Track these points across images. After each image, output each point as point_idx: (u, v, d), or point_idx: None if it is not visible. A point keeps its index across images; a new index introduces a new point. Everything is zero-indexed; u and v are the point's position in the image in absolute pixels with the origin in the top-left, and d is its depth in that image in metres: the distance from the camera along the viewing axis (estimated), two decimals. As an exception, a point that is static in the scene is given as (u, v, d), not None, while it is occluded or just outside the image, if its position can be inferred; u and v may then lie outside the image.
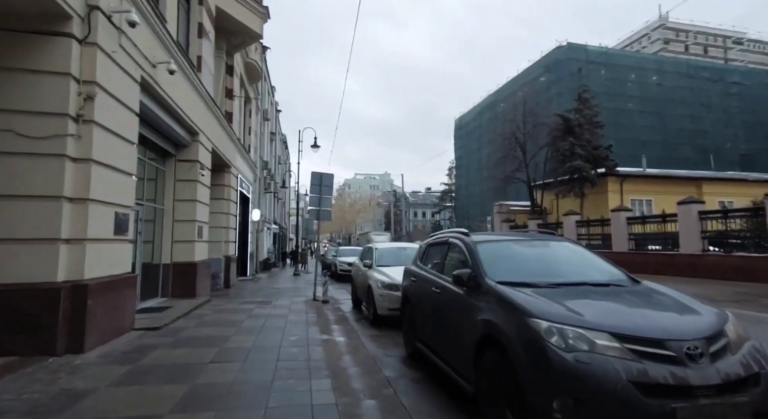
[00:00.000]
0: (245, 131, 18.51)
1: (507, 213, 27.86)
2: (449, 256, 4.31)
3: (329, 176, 11.47)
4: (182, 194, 10.18)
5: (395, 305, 6.95)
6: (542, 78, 40.64)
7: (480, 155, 53.49)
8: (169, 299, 9.65)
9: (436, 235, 5.43)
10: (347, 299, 11.47)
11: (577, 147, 21.61)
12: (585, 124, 22.41)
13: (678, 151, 37.80)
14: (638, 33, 75.61)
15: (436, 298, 4.17)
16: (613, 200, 22.37)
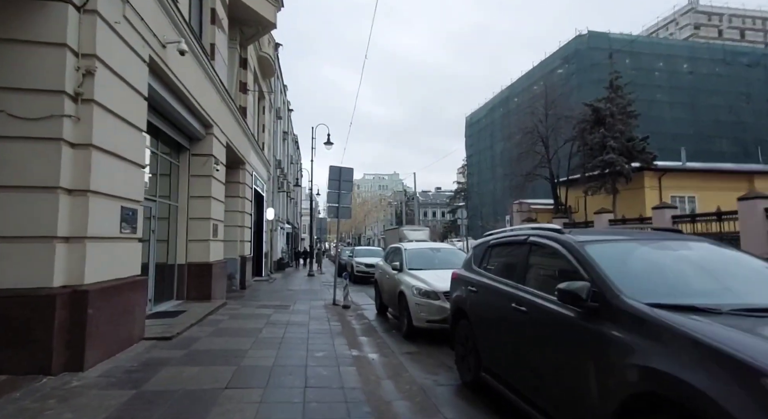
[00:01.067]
0: (259, 128, 17.81)
1: (528, 212, 26.73)
2: (533, 261, 3.29)
3: (349, 171, 10.66)
4: (197, 190, 9.44)
5: (435, 317, 6.09)
6: (560, 70, 39.11)
7: (492, 152, 52.31)
8: (184, 302, 8.92)
9: (500, 233, 4.43)
10: (369, 305, 10.64)
11: (609, 139, 20.29)
12: (617, 113, 21.07)
13: (714, 144, 34.77)
14: (665, 19, 70.30)
15: (518, 318, 3.17)
16: (651, 197, 20.95)
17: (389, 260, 8.94)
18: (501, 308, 3.44)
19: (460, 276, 4.74)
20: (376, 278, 9.36)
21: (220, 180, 10.25)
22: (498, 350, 3.56)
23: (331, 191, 10.47)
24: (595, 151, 21.94)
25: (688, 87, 37.33)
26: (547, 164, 25.01)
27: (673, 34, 67.26)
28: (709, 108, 36.93)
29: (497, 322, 3.56)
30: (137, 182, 5.68)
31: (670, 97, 36.78)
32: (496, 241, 4.29)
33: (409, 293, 6.51)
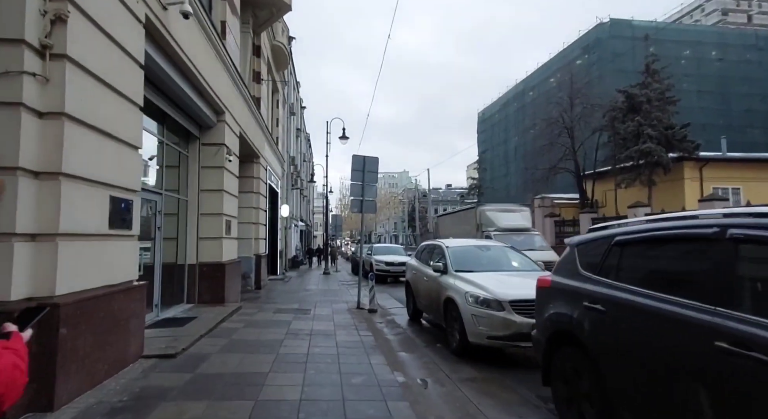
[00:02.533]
0: (273, 122, 16.71)
1: (551, 207, 25.25)
2: (747, 269, 2.01)
3: (373, 160, 9.46)
4: (208, 183, 8.33)
5: (498, 332, 4.86)
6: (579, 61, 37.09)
7: (506, 148, 50.69)
8: (195, 307, 7.82)
9: (635, 223, 2.97)
10: (397, 308, 9.46)
11: (645, 127, 18.69)
12: (654, 100, 19.45)
13: (746, 135, 32.55)
14: (690, 5, 65.71)
15: (730, 367, 1.91)
16: (691, 189, 19.24)
17: (424, 258, 7.73)
18: (678, 346, 2.20)
19: (560, 285, 3.47)
20: (408, 280, 8.15)
21: (234, 173, 9.14)
22: (663, 410, 2.28)
23: (354, 182, 9.29)
24: (628, 141, 20.35)
25: (717, 75, 34.65)
26: (573, 156, 23.48)
27: (698, 21, 63.78)
28: (740, 97, 34.21)
29: (667, 366, 2.27)
30: (132, 168, 4.55)
31: (698, 86, 34.07)
32: (637, 236, 2.83)
33: (462, 302, 5.28)
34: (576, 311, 3.20)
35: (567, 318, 3.25)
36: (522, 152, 46.79)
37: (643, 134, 19.21)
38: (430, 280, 6.65)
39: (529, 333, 4.71)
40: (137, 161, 4.70)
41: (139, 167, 4.72)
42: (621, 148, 20.86)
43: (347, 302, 9.98)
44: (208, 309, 7.50)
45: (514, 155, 49.23)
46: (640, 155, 19.03)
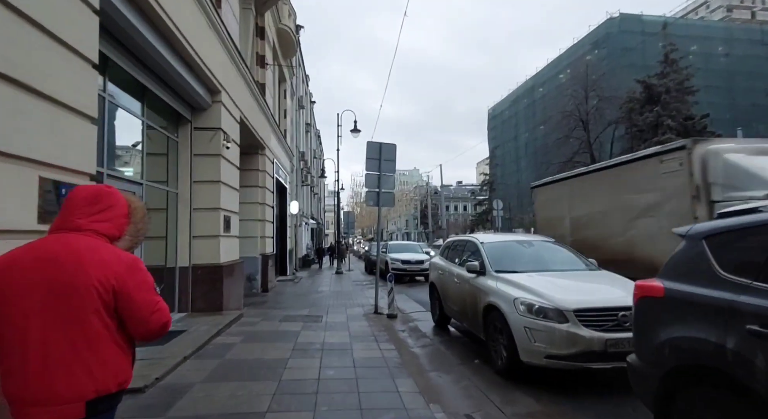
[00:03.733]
0: (280, 113, 15.55)
1: (566, 201, 23.83)
2: None
3: (390, 148, 8.22)
4: (202, 173, 7.17)
5: (561, 350, 3.59)
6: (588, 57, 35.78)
7: (517, 144, 49.15)
8: (187, 317, 6.67)
9: None
10: (419, 312, 8.21)
11: (665, 118, 17.38)
12: (673, 90, 18.08)
13: (751, 129, 31.92)
14: (695, 2, 65.30)
15: None
16: None
17: (451, 257, 6.46)
18: None
19: (683, 296, 2.22)
20: (433, 282, 6.88)
21: (233, 162, 7.96)
22: None
23: (369, 172, 8.05)
24: (645, 132, 19.00)
25: (723, 70, 34.37)
26: (588, 148, 22.04)
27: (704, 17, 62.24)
28: (746, 91, 33.79)
29: None
30: (81, 143, 3.36)
31: (705, 81, 33.23)
32: None
33: (510, 311, 4.00)
34: (730, 337, 1.96)
35: (710, 347, 2.03)
36: (533, 148, 45.33)
37: (663, 125, 17.84)
38: (463, 282, 5.37)
39: (602, 352, 3.47)
40: (89, 135, 3.51)
41: (91, 142, 3.52)
42: (638, 140, 19.48)
43: (363, 306, 8.76)
44: (203, 319, 6.33)
45: (525, 151, 47.72)
46: None
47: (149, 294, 1.47)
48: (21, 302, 1.29)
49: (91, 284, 1.33)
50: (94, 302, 1.33)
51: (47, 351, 1.28)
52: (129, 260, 1.45)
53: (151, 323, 1.45)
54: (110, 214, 1.50)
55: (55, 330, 1.30)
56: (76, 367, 1.31)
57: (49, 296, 1.30)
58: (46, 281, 1.31)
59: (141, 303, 1.42)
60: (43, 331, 1.29)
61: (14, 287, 1.31)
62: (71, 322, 1.31)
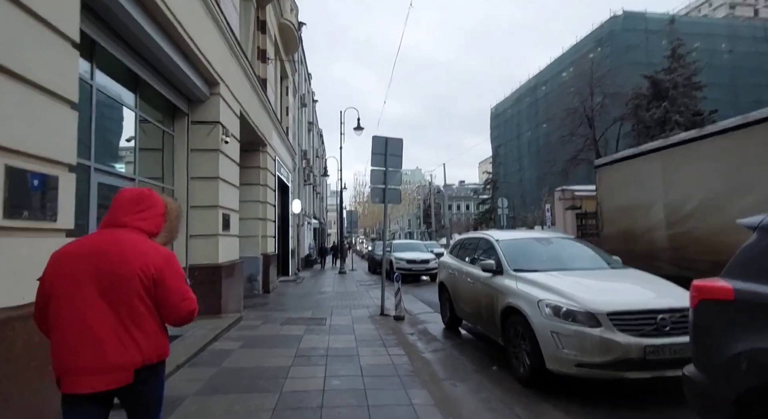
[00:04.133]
0: (282, 111, 15.20)
1: (571, 199, 23.30)
2: None
3: (397, 143, 7.84)
4: (199, 169, 6.80)
5: (594, 358, 3.21)
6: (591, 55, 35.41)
7: (519, 143, 48.74)
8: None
9: None
10: (427, 313, 7.82)
11: (673, 114, 16.95)
12: (681, 85, 17.65)
13: None
14: None
15: None
16: None
17: (462, 255, 6.07)
18: None
19: (762, 299, 1.86)
20: (443, 282, 6.49)
21: (232, 158, 7.60)
22: None
23: (375, 168, 7.67)
24: (652, 129, 18.58)
25: (727, 67, 34.10)
26: (594, 146, 21.58)
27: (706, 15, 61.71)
28: (749, 88, 33.37)
29: None
30: (57, 128, 2.99)
31: (708, 78, 33.06)
32: None
33: (534, 314, 3.61)
34: None
35: None
36: (536, 147, 44.91)
37: (670, 120, 17.42)
38: (477, 282, 4.99)
39: (640, 360, 3.08)
40: (68, 121, 3.14)
41: (70, 129, 3.15)
42: (645, 136, 19.09)
43: (368, 308, 8.38)
44: (199, 323, 5.96)
45: (527, 150, 47.31)
46: None
47: (181, 284, 1.69)
48: (76, 287, 1.52)
49: (134, 273, 1.55)
50: (137, 288, 1.56)
51: (100, 328, 1.50)
52: (166, 253, 1.67)
53: (181, 309, 1.67)
54: (150, 213, 1.73)
55: (107, 311, 1.52)
56: (126, 341, 1.53)
57: (100, 282, 1.53)
58: (97, 269, 1.54)
59: (174, 291, 1.63)
60: (96, 311, 1.51)
61: (70, 274, 1.53)
62: (120, 304, 1.54)
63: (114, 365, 1.50)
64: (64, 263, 1.56)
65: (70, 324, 1.50)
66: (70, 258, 1.56)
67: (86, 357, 1.48)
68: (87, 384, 1.48)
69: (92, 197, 4.45)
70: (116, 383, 1.52)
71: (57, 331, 1.52)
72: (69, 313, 1.51)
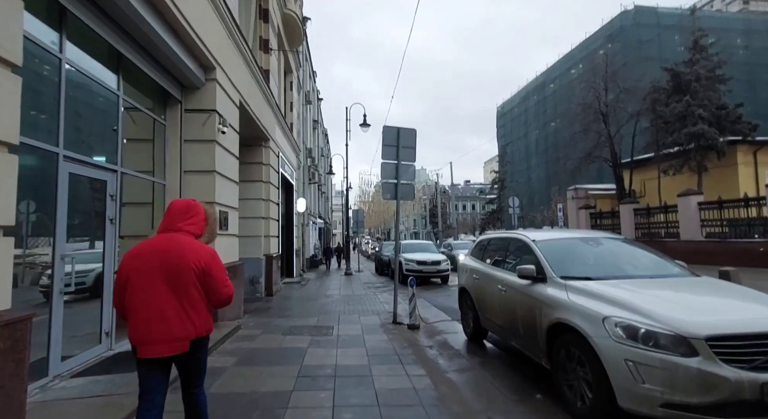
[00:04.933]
0: (286, 106, 14.52)
1: (585, 198, 22.47)
2: None
3: (410, 133, 7.10)
4: (194, 162, 6.11)
5: (690, 398, 2.42)
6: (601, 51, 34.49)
7: (527, 141, 47.87)
8: (176, 328, 5.59)
9: None
10: (444, 322, 7.07)
11: (695, 108, 15.99)
12: (704, 78, 16.70)
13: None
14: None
15: None
16: (746, 175, 16.58)
17: (487, 258, 5.32)
18: None
19: None
20: (465, 287, 5.72)
21: (230, 151, 6.90)
22: None
23: (386, 161, 6.93)
24: (671, 124, 17.67)
25: (742, 62, 33.02)
26: (609, 143, 20.66)
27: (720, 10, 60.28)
28: (765, 84, 32.69)
29: None
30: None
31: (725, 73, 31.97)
32: None
33: (598, 334, 2.84)
34: None
35: None
36: (544, 146, 43.99)
37: (693, 115, 16.49)
38: (511, 290, 4.23)
39: (757, 402, 2.30)
40: (5, 87, 2.43)
41: (10, 99, 2.45)
42: (664, 133, 18.18)
43: (378, 314, 7.65)
44: (192, 333, 5.25)
45: (535, 149, 46.41)
46: (689, 139, 16.26)
47: (223, 274, 2.18)
48: (147, 278, 2.02)
49: (190, 266, 2.06)
50: (191, 278, 2.06)
51: (166, 309, 2.00)
52: (211, 251, 2.21)
53: (222, 293, 2.15)
54: (195, 219, 2.25)
55: (171, 296, 2.02)
56: (185, 319, 2.03)
57: (165, 274, 2.03)
58: (162, 264, 2.04)
59: (218, 279, 2.13)
60: (163, 297, 2.01)
61: (141, 268, 2.04)
62: (179, 290, 2.04)
63: (177, 337, 1.98)
64: (137, 259, 2.03)
65: (145, 306, 1.97)
66: (141, 255, 2.04)
67: (157, 331, 1.96)
68: (157, 351, 1.96)
69: (61, 189, 3.76)
70: (177, 351, 2.00)
71: (133, 312, 1.97)
72: (143, 298, 1.98)
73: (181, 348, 2.00)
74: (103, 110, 4.73)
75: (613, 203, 21.56)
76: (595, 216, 21.27)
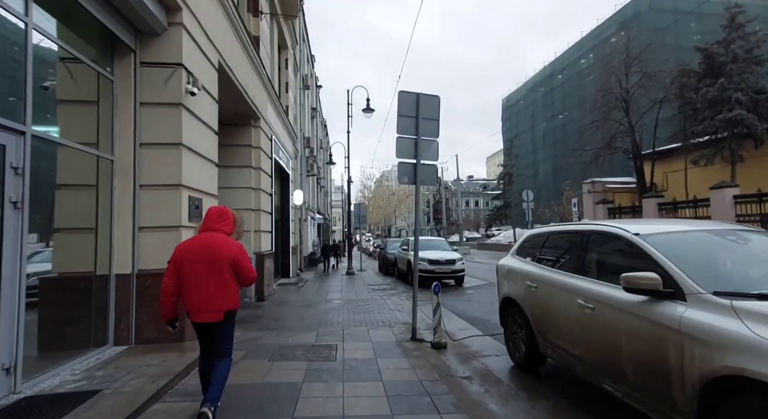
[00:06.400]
0: (281, 84, 13.06)
1: (602, 192, 21.02)
2: None
3: (432, 101, 5.66)
4: (153, 131, 4.69)
5: None
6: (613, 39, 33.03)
7: (534, 134, 46.42)
8: (125, 353, 4.21)
9: None
10: (474, 337, 5.68)
11: (732, 92, 14.54)
12: (740, 59, 15.24)
13: None
14: None
15: None
16: None
17: (543, 258, 3.91)
18: None
19: None
20: (512, 297, 4.29)
21: (206, 122, 5.47)
22: None
23: (402, 136, 5.49)
24: (700, 111, 16.23)
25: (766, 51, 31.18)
26: (630, 132, 19.17)
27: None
28: None
29: None
30: None
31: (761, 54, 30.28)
32: None
33: None
34: None
35: None
36: (552, 139, 42.51)
37: (729, 99, 15.06)
38: (609, 309, 2.82)
39: None
40: None
41: None
42: (692, 121, 16.74)
43: (390, 325, 6.26)
44: (145, 360, 3.85)
45: (542, 142, 44.96)
46: (725, 126, 14.82)
47: (248, 263, 2.92)
48: (195, 265, 2.79)
49: (224, 257, 2.81)
50: (226, 266, 2.82)
51: (209, 288, 2.78)
52: (240, 246, 2.95)
53: (247, 277, 2.92)
54: (227, 222, 2.99)
55: (211, 278, 2.79)
56: (221, 296, 2.81)
57: (208, 263, 2.79)
58: (204, 255, 2.80)
59: (244, 267, 2.88)
60: (206, 279, 2.78)
61: (191, 258, 2.80)
62: (217, 275, 2.80)
63: (216, 308, 2.80)
64: (186, 251, 2.84)
65: (194, 285, 2.78)
66: (189, 249, 2.85)
67: (203, 303, 2.79)
68: (203, 318, 2.81)
69: None
70: (215, 319, 2.81)
71: (186, 289, 2.80)
72: (192, 280, 2.79)
73: (217, 317, 2.81)
74: (23, 57, 3.30)
75: (632, 198, 20.15)
76: (614, 212, 19.84)
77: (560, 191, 34.74)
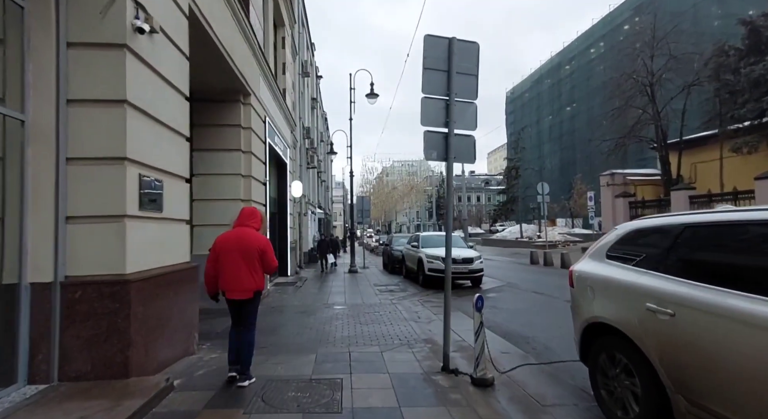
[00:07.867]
0: (278, 66, 11.68)
1: (622, 185, 19.67)
2: None
3: (469, 50, 4.25)
4: (85, 83, 3.31)
5: None
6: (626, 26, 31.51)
7: (540, 127, 44.93)
8: (41, 399, 2.86)
9: None
10: (527, 369, 4.33)
11: (784, 70, 13.12)
12: (793, 32, 13.78)
13: None
14: None
15: None
16: None
17: (669, 264, 2.54)
18: None
19: None
20: (609, 323, 2.85)
21: (166, 77, 4.09)
22: None
23: (428, 96, 4.11)
24: (739, 94, 14.73)
25: None
26: (656, 119, 17.74)
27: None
28: None
29: None
30: None
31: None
32: None
33: None
34: None
35: None
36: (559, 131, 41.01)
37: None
38: None
39: None
40: None
41: None
42: (731, 104, 15.31)
43: (410, 344, 4.91)
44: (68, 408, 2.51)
45: (549, 135, 43.47)
46: None
47: (272, 254, 3.63)
48: (230, 254, 3.46)
49: (254, 248, 3.50)
50: (255, 255, 3.49)
51: (241, 273, 3.44)
52: (266, 240, 3.66)
53: (271, 266, 3.63)
54: (256, 219, 3.72)
55: (244, 264, 3.45)
56: (251, 278, 3.48)
57: (242, 252, 3.45)
58: (239, 246, 3.47)
59: (269, 257, 3.58)
60: (239, 265, 3.44)
61: (228, 248, 3.48)
62: (249, 262, 3.47)
63: (246, 288, 3.45)
64: (224, 242, 3.51)
65: (229, 269, 3.43)
66: (228, 240, 3.51)
67: (236, 284, 3.44)
68: (237, 295, 3.46)
69: None
70: (245, 296, 3.47)
71: (222, 272, 3.44)
72: (228, 265, 3.43)
73: (247, 295, 3.48)
74: None
75: (656, 191, 18.80)
76: (636, 205, 18.50)
77: (569, 184, 33.33)
